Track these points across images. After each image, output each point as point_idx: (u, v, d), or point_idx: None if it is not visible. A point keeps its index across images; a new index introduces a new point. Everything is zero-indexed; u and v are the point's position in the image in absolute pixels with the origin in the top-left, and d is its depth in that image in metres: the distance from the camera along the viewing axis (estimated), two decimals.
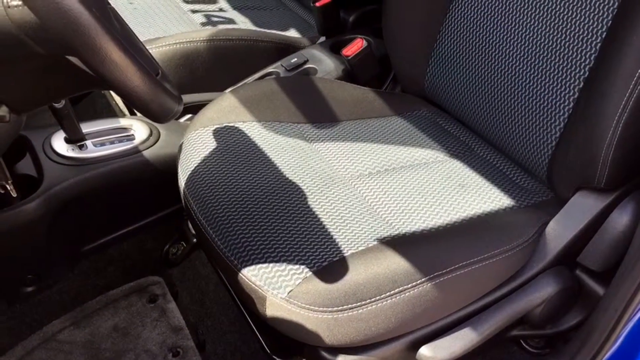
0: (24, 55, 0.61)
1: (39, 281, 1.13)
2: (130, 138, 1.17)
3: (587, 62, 0.93)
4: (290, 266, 0.82)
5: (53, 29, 0.54)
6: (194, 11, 1.50)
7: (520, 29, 1.03)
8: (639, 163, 0.89)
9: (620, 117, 0.83)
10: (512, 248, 0.89)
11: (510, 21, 1.04)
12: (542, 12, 0.99)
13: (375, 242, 0.87)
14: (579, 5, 0.94)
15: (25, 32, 0.59)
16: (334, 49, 1.40)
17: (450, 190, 1.00)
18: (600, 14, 0.91)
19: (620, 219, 0.90)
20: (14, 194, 1.01)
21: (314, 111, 1.15)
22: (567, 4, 0.96)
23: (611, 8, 0.90)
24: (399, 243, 0.87)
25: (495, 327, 0.90)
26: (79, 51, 0.55)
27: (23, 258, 1.10)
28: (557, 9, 0.97)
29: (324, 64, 1.35)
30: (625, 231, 0.90)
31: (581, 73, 0.93)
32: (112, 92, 1.47)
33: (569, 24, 0.95)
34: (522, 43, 1.02)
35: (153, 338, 1.14)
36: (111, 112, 1.47)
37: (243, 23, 1.49)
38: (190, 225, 1.28)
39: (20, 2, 0.57)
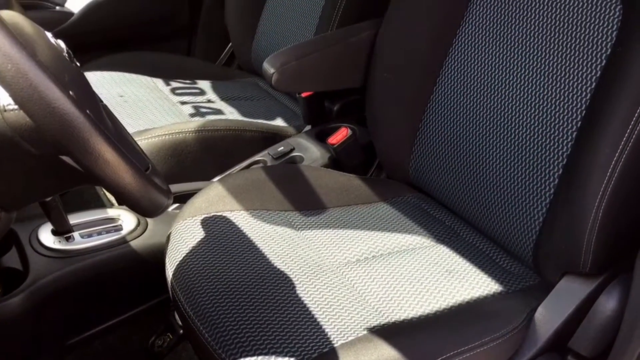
0: (17, 156, 0.63)
1: None
2: (118, 228, 1.17)
3: (564, 150, 0.96)
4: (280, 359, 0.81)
5: (48, 131, 0.55)
6: (182, 103, 1.54)
7: (499, 119, 1.07)
8: (622, 247, 0.91)
9: (600, 204, 0.85)
10: (502, 335, 0.89)
11: (490, 112, 1.08)
12: (517, 103, 1.04)
13: (365, 332, 0.87)
14: (553, 97, 0.99)
15: (20, 134, 0.61)
16: (320, 137, 1.43)
17: (438, 276, 1.00)
18: (574, 105, 0.96)
19: (608, 304, 0.90)
20: None
21: (301, 199, 1.17)
22: (542, 95, 1.00)
23: (584, 99, 0.94)
24: (388, 332, 0.87)
25: None
26: (73, 152, 0.57)
27: (5, 354, 1.07)
28: (531, 103, 1.02)
29: (310, 152, 1.38)
30: (613, 316, 0.90)
31: (559, 161, 0.96)
32: None
33: (545, 114, 0.99)
34: (502, 133, 1.06)
35: None
36: (99, 202, 1.48)
37: (230, 113, 1.53)
38: (177, 317, 1.27)
39: (16, 106, 0.59)
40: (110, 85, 1.57)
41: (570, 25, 0.97)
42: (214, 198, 1.13)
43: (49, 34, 0.75)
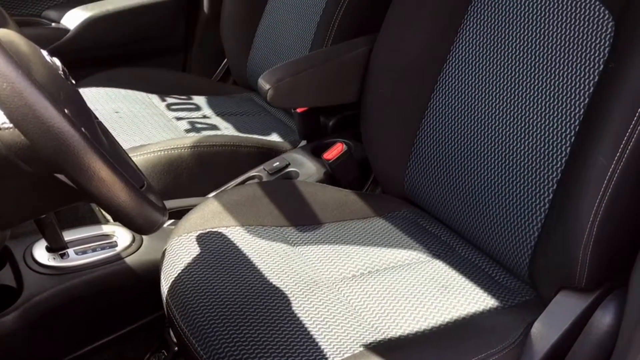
0: (11, 174, 0.63)
1: None
2: (113, 245, 1.16)
3: (559, 166, 0.96)
4: None
5: (43, 150, 0.55)
6: (178, 118, 1.54)
7: (493, 134, 1.07)
8: (617, 262, 0.91)
9: (595, 218, 0.85)
10: (498, 351, 0.88)
11: (484, 127, 1.09)
12: (511, 119, 1.04)
13: (361, 349, 0.86)
14: (546, 112, 0.99)
15: (14, 153, 0.61)
16: (315, 153, 1.43)
17: (434, 291, 1.00)
18: (568, 120, 0.96)
19: (604, 319, 0.90)
20: None
21: (297, 214, 1.17)
22: (535, 111, 1.01)
23: (577, 114, 0.95)
24: (384, 349, 0.86)
25: None
26: (68, 170, 0.57)
27: None
28: (524, 119, 1.02)
29: (305, 168, 1.38)
30: (609, 331, 0.90)
31: (554, 176, 0.97)
32: None
33: (539, 129, 1.00)
34: (496, 149, 1.06)
35: None
36: (93, 218, 1.47)
37: (226, 129, 1.54)
38: (171, 333, 1.26)
39: (11, 125, 0.59)
40: (105, 101, 1.57)
41: (563, 41, 0.98)
42: (209, 214, 1.12)
43: (44, 52, 0.75)
